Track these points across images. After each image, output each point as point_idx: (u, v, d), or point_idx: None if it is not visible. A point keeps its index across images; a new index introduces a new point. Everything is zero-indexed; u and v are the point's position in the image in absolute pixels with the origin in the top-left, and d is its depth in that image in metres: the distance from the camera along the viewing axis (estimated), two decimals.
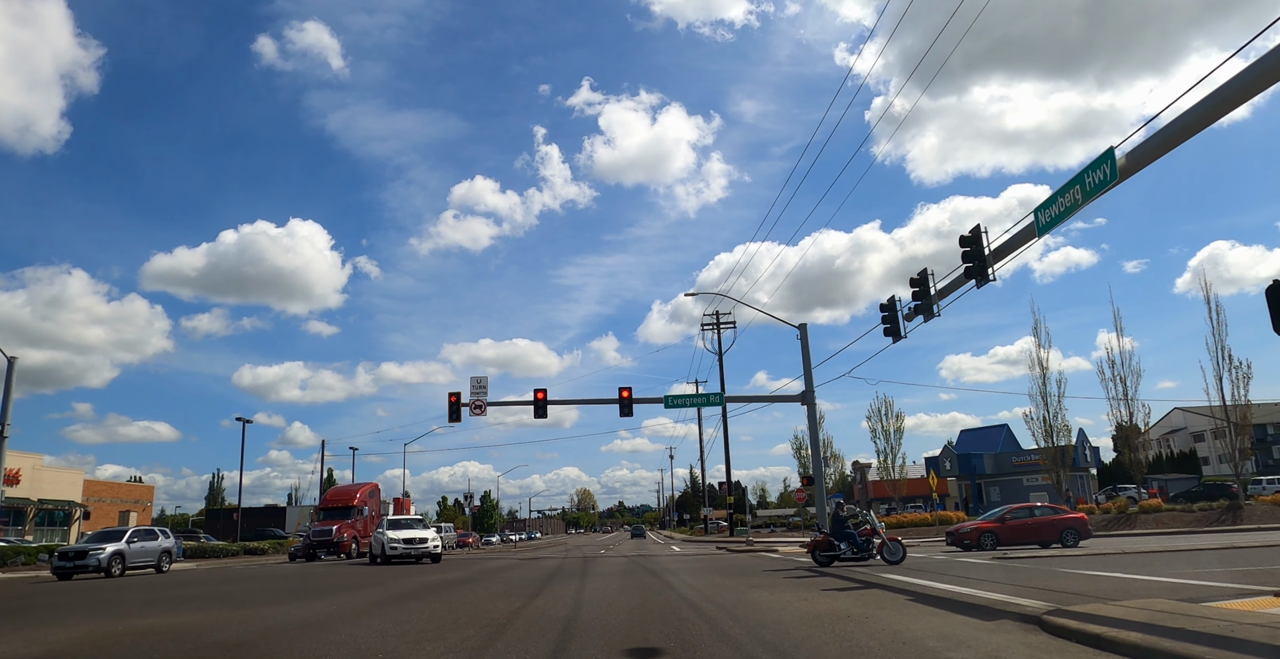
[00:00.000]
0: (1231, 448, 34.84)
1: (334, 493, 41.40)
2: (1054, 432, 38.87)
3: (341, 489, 42.43)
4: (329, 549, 35.18)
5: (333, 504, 39.22)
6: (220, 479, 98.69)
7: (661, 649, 6.44)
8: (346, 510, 38.07)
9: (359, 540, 36.74)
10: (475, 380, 32.61)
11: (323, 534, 35.79)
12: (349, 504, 38.51)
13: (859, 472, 66.73)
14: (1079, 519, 24.37)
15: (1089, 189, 12.41)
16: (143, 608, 12.16)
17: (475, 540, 68.30)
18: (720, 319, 50.73)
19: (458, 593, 12.98)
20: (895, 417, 50.64)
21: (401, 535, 26.34)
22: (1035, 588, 10.46)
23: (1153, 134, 11.39)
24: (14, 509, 45.55)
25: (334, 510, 38.41)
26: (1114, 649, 5.72)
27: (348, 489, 41.79)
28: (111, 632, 8.74)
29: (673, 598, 10.76)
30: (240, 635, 8.13)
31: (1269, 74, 9.13)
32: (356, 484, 44.04)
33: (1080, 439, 50.28)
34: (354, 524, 37.51)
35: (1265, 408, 54.07)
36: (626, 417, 32.63)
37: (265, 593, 14.79)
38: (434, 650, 6.68)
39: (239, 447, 52.12)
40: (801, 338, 32.51)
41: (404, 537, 26.27)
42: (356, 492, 40.06)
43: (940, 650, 5.92)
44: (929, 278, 19.18)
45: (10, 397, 27.15)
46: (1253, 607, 7.40)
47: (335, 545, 35.11)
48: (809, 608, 8.95)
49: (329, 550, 35.15)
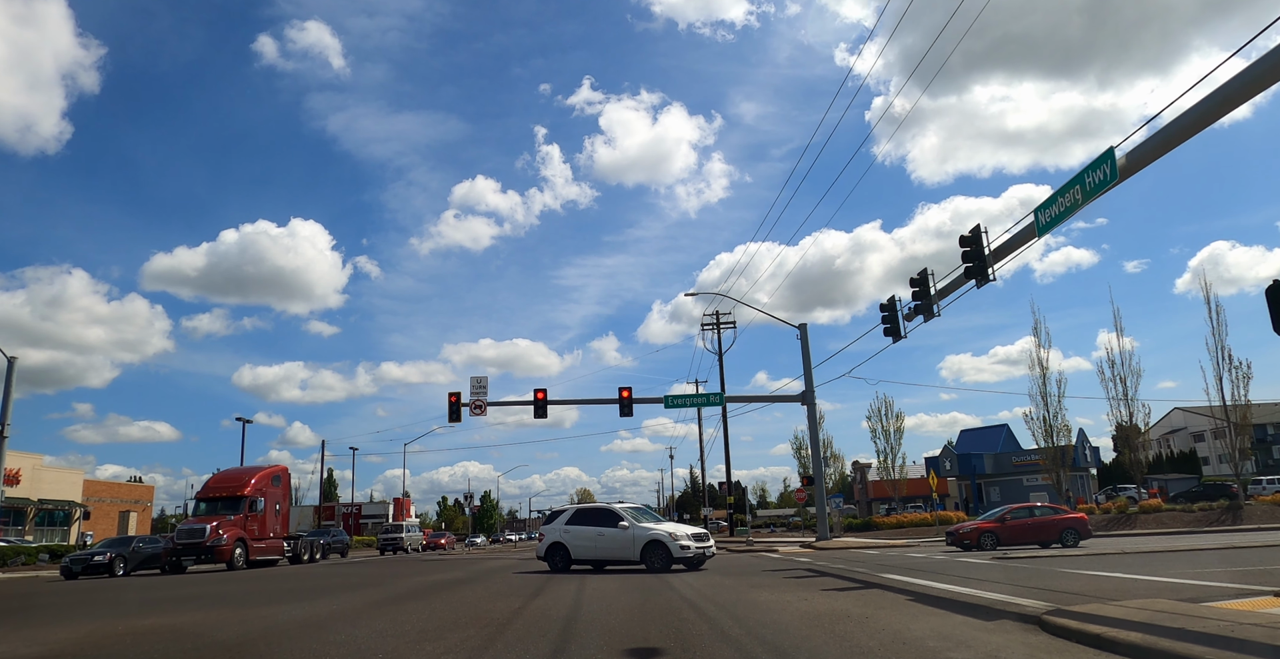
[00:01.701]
0: (1231, 448, 34.85)
1: (219, 478, 30.70)
2: (1054, 432, 38.90)
3: (230, 473, 31.31)
4: (200, 556, 25.94)
5: (214, 493, 28.79)
6: None
7: (661, 649, 6.44)
8: (233, 502, 27.87)
9: (248, 544, 27.30)
10: (475, 380, 32.65)
11: (191, 535, 26.12)
12: (237, 494, 28.16)
13: (859, 472, 66.73)
14: (1079, 519, 24.38)
15: (1089, 189, 12.41)
16: (143, 608, 12.16)
17: (450, 542, 62.05)
18: (720, 319, 50.73)
19: (458, 593, 12.98)
20: (895, 417, 50.73)
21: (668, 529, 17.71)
22: (1035, 588, 10.46)
23: (1153, 134, 11.39)
24: (14, 509, 45.57)
25: (215, 502, 28.26)
26: (1114, 649, 5.72)
27: (237, 473, 30.93)
28: (112, 632, 8.74)
29: (673, 598, 10.76)
30: (240, 635, 8.13)
31: (1269, 73, 9.13)
32: (251, 466, 32.47)
33: (1080, 439, 50.28)
34: (242, 521, 27.58)
35: (1265, 408, 54.08)
36: (626, 417, 32.72)
37: (265, 593, 14.79)
38: (434, 650, 6.68)
39: (239, 447, 52.14)
40: (801, 338, 32.53)
41: (674, 531, 17.53)
42: (250, 477, 29.47)
43: (940, 650, 5.91)
44: (929, 278, 19.18)
45: (10, 397, 27.18)
46: (1253, 607, 7.39)
47: (210, 551, 25.78)
48: (809, 608, 8.95)
49: (201, 557, 25.96)
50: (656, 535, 17.30)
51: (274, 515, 29.86)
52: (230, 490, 28.49)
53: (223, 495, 28.40)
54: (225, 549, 26.05)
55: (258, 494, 28.70)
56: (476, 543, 72.37)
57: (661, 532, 17.41)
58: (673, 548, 17.04)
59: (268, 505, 29.18)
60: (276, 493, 30.46)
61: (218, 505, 27.93)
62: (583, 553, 18.40)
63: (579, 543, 18.38)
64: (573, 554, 18.47)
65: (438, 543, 57.17)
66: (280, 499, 30.79)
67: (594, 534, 18.19)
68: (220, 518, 26.96)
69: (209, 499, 28.59)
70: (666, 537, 17.21)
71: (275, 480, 30.69)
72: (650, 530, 17.52)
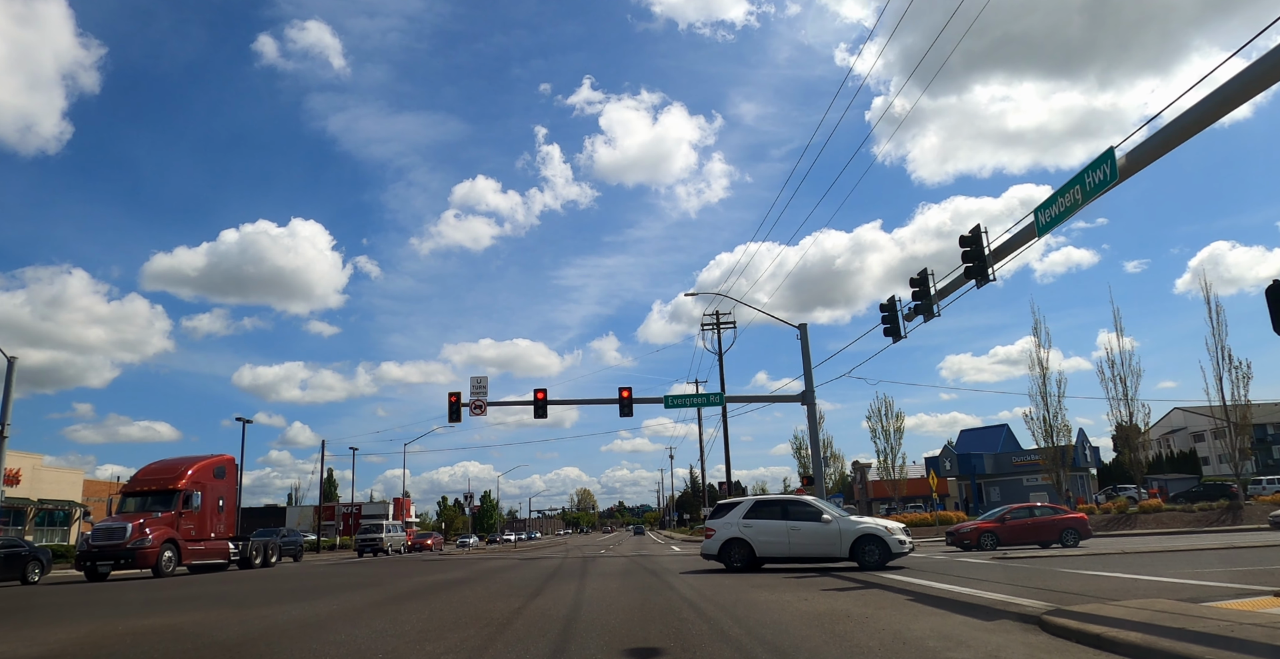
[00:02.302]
0: (1231, 448, 34.86)
1: (149, 470, 25.93)
2: (1054, 432, 38.91)
3: (163, 464, 26.36)
4: (120, 560, 21.93)
5: (142, 487, 24.70)
6: None
7: (661, 649, 6.44)
8: (165, 497, 24.04)
9: (181, 546, 23.39)
10: (475, 380, 32.60)
11: (108, 536, 22.23)
12: (168, 487, 24.22)
13: (859, 472, 66.72)
14: (1079, 519, 24.39)
15: (1089, 189, 12.41)
16: (143, 608, 12.16)
17: (437, 543, 56.71)
18: (720, 319, 50.72)
19: (458, 593, 12.98)
20: (895, 417, 50.71)
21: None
22: (1035, 588, 10.46)
23: (1153, 134, 11.38)
24: (14, 509, 45.54)
25: (144, 497, 24.31)
26: (1114, 649, 5.72)
27: (172, 464, 26.11)
28: (112, 632, 8.74)
29: (673, 598, 10.76)
30: (240, 635, 8.13)
31: (1270, 73, 9.13)
32: (190, 456, 27.30)
33: (1080, 439, 50.30)
34: (172, 519, 23.58)
35: (1265, 408, 54.06)
36: (626, 417, 32.66)
37: (265, 593, 14.79)
38: (434, 650, 6.68)
39: (239, 447, 51.83)
40: (801, 338, 32.51)
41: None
42: (187, 467, 25.18)
43: (940, 650, 5.91)
44: (929, 278, 19.17)
45: (10, 397, 27.13)
46: (1253, 607, 7.39)
47: (131, 554, 21.85)
48: (809, 608, 8.95)
49: (120, 562, 21.97)
50: (871, 530, 15.82)
51: (216, 513, 25.90)
52: (161, 483, 24.46)
53: (152, 489, 24.41)
54: (149, 552, 22.14)
55: (195, 488, 24.70)
56: (469, 543, 67.20)
57: (876, 525, 16.04)
58: (891, 543, 15.51)
59: (207, 501, 25.29)
60: (220, 487, 26.30)
61: (147, 501, 24.14)
62: (770, 550, 16.40)
63: (765, 538, 16.37)
64: (757, 551, 16.41)
65: (424, 543, 53.54)
66: (225, 494, 26.66)
67: (785, 528, 16.28)
68: (146, 516, 23.14)
69: (137, 494, 24.59)
70: (883, 531, 15.75)
71: (218, 472, 26.50)
72: (861, 524, 16.04)
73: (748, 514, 16.77)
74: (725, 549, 16.65)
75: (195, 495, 24.64)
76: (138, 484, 25.04)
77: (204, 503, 25.04)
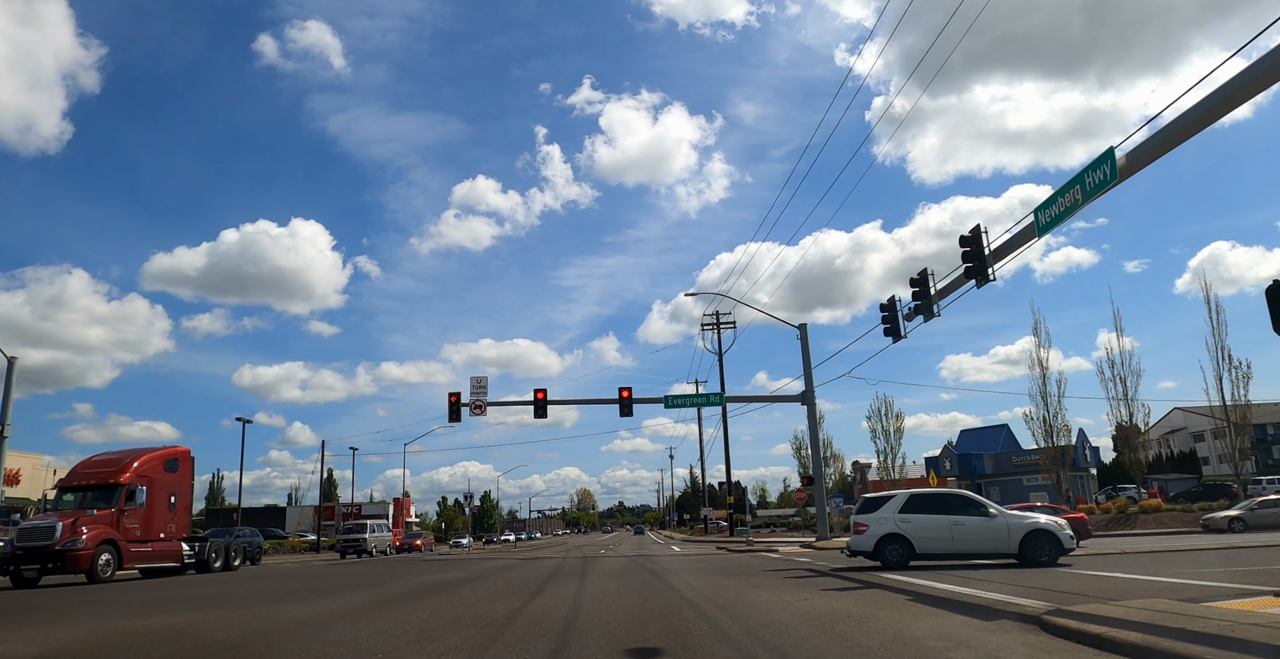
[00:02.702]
0: (1231, 448, 34.88)
1: (90, 462, 23.21)
2: (1054, 432, 38.92)
3: (107, 456, 23.60)
4: (48, 563, 19.35)
5: (81, 481, 22.00)
6: (220, 479, 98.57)
7: (661, 649, 6.44)
8: (106, 492, 21.39)
9: (122, 547, 20.64)
10: (475, 380, 32.64)
11: (35, 536, 19.67)
12: (109, 481, 21.54)
13: (859, 472, 66.80)
14: (1079, 519, 24.39)
15: (1089, 189, 12.41)
16: (143, 608, 12.15)
17: (426, 543, 54.03)
18: (720, 319, 50.74)
19: (458, 593, 12.98)
20: (895, 417, 50.81)
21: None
22: (1035, 588, 10.46)
23: (1153, 134, 11.40)
24: (14, 509, 45.58)
25: (84, 492, 21.66)
26: (1114, 649, 5.72)
27: (116, 456, 23.28)
28: (112, 632, 8.74)
29: (673, 598, 10.76)
30: (240, 635, 8.13)
31: (1270, 73, 9.14)
32: (136, 448, 24.32)
33: (1080, 439, 50.31)
34: (113, 517, 20.89)
35: (1265, 408, 54.04)
36: (626, 417, 32.72)
37: (265, 593, 14.78)
38: (434, 650, 6.67)
39: (239, 447, 51.60)
40: (801, 338, 32.53)
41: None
42: (132, 460, 22.49)
43: (940, 650, 5.91)
44: (929, 278, 19.19)
45: (10, 397, 27.13)
46: (1253, 607, 7.39)
47: (60, 557, 19.27)
48: (809, 608, 8.95)
49: (49, 565, 19.37)
50: (1042, 525, 15.16)
51: (166, 510, 23.09)
52: (102, 477, 21.71)
53: (91, 484, 21.67)
54: (82, 554, 19.33)
55: (141, 482, 21.93)
56: (463, 544, 64.36)
57: (1046, 520, 15.41)
58: (1063, 539, 14.95)
59: (155, 497, 22.46)
60: (172, 481, 23.60)
61: (87, 497, 21.48)
62: (931, 545, 15.59)
63: (926, 534, 15.57)
64: (917, 548, 15.58)
65: (412, 544, 51.14)
66: (178, 489, 23.91)
67: (947, 523, 15.50)
68: (80, 513, 20.44)
69: (75, 489, 21.80)
70: (1054, 526, 15.12)
71: (170, 465, 23.77)
72: (1029, 519, 15.41)
73: (903, 508, 15.91)
74: (881, 545, 15.77)
75: (140, 491, 21.81)
76: (76, 478, 22.26)
77: (152, 499, 22.30)
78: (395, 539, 48.90)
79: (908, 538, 15.64)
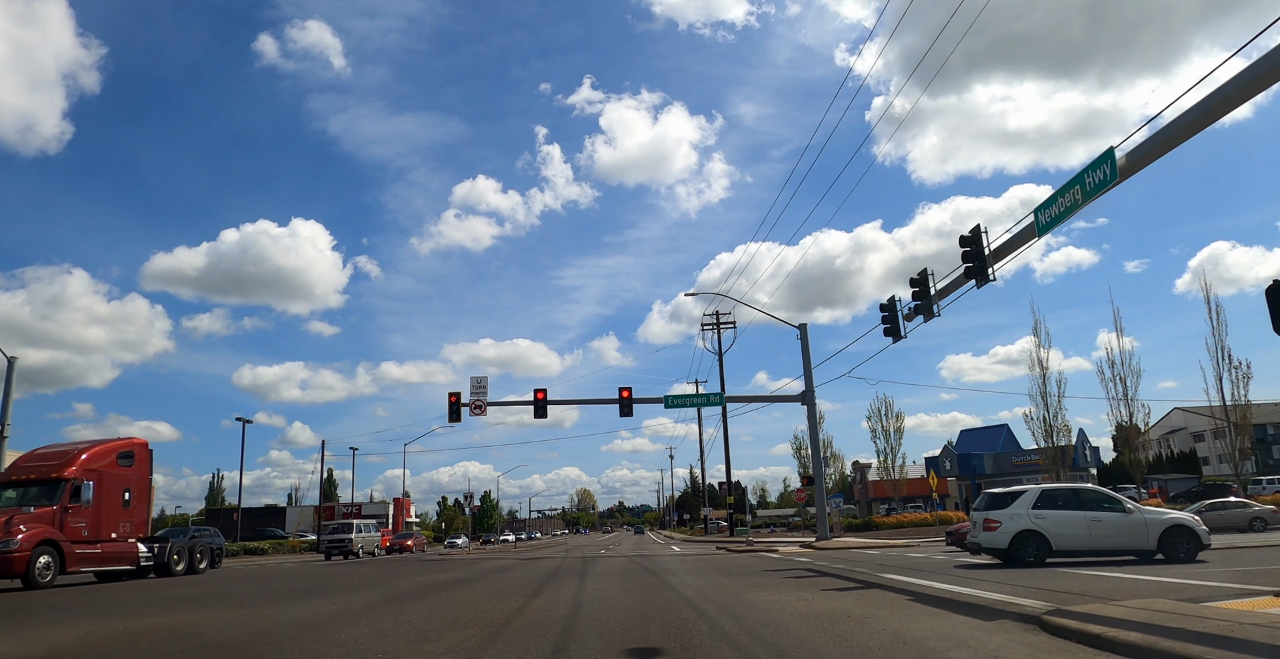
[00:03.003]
0: (1231, 448, 34.90)
1: (32, 456, 21.40)
2: (1054, 432, 38.93)
3: (51, 449, 21.60)
4: None
5: (22, 475, 20.04)
6: (220, 479, 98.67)
7: (661, 649, 6.43)
8: (48, 488, 19.39)
9: (64, 549, 18.66)
10: (475, 380, 32.63)
11: None
12: (53, 476, 19.56)
13: (859, 472, 66.76)
14: None
15: (1089, 189, 12.41)
16: (143, 608, 12.15)
17: (418, 543, 52.14)
18: (720, 319, 50.75)
19: (457, 593, 12.98)
20: (895, 417, 50.81)
21: None
22: (1035, 588, 10.46)
23: (1153, 134, 11.40)
24: None
25: (26, 488, 19.56)
26: (1114, 649, 5.72)
27: (62, 449, 21.26)
28: (112, 632, 8.74)
29: (673, 598, 10.75)
30: (240, 635, 8.13)
31: (1270, 73, 9.13)
32: (85, 441, 22.55)
33: (1080, 439, 50.33)
34: (54, 516, 18.91)
35: (1265, 408, 54.07)
36: (626, 417, 32.71)
37: (265, 593, 14.79)
38: (434, 650, 6.67)
39: (239, 447, 51.47)
40: (801, 338, 32.53)
41: None
42: (79, 453, 20.42)
43: (940, 650, 5.91)
44: (929, 278, 19.19)
45: (10, 397, 27.14)
46: (1253, 607, 7.39)
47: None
48: (809, 608, 8.94)
49: None
50: (1181, 520, 15.01)
51: (119, 508, 20.95)
52: (44, 471, 19.75)
53: (33, 478, 19.67)
54: (16, 557, 17.35)
55: (88, 476, 19.85)
56: (457, 544, 61.67)
57: (1183, 516, 15.36)
58: (1200, 534, 14.72)
59: (106, 493, 20.29)
60: (126, 476, 21.39)
61: (29, 493, 19.36)
62: (1068, 543, 15.17)
63: (1063, 530, 15.11)
64: (1054, 544, 15.10)
65: (403, 545, 49.21)
66: (134, 485, 21.65)
67: (1084, 519, 15.12)
68: (16, 511, 18.42)
69: (15, 484, 19.72)
70: (1192, 521, 15.02)
71: (124, 459, 21.57)
72: (1167, 514, 15.32)
73: (1036, 504, 15.41)
74: (1017, 542, 15.22)
75: (87, 486, 19.58)
76: (16, 472, 20.37)
77: (102, 495, 20.12)
78: (384, 540, 47.24)
79: (1044, 534, 15.14)
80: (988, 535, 15.64)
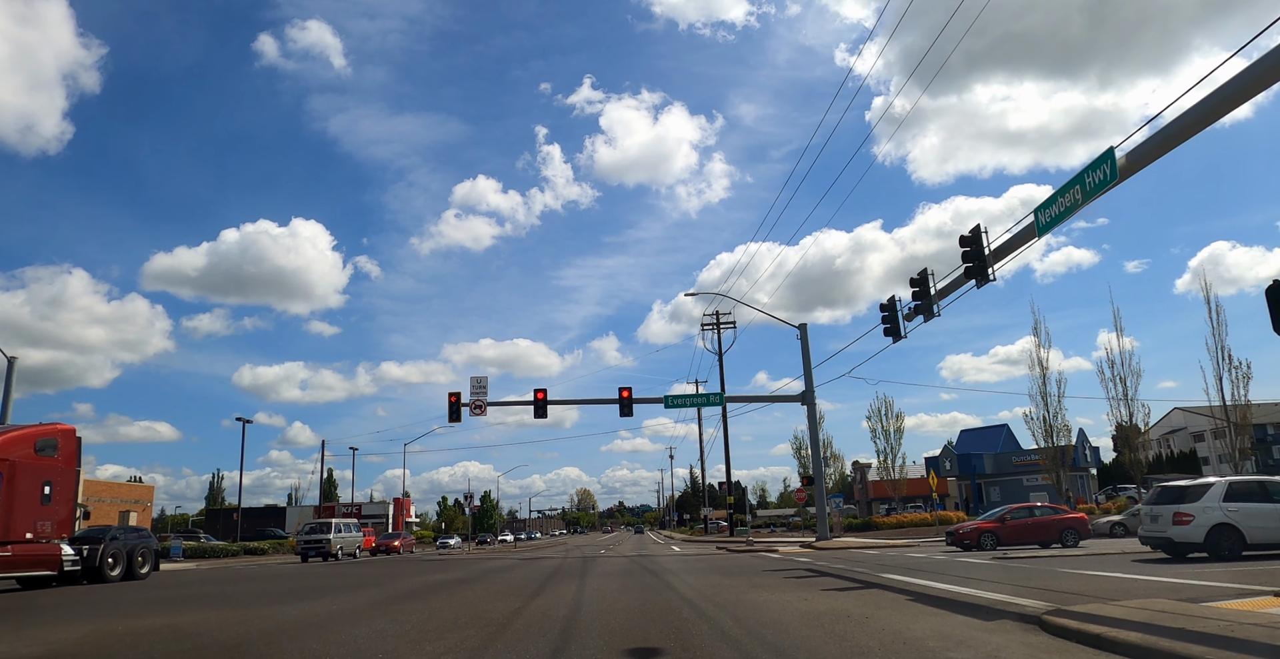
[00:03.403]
0: (1231, 448, 34.84)
1: None
2: (1054, 432, 38.91)
3: None
4: None
5: None
6: (220, 479, 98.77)
7: (661, 649, 6.44)
8: None
9: None
10: (475, 380, 32.63)
11: None
12: None
13: (859, 472, 66.72)
14: (1079, 519, 24.38)
15: (1089, 189, 12.42)
16: (143, 608, 12.16)
17: (406, 544, 49.55)
18: (720, 319, 50.75)
19: (458, 593, 12.99)
20: (895, 417, 50.79)
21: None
22: (1035, 588, 10.46)
23: (1153, 134, 11.40)
24: None
25: None
26: (1114, 649, 5.72)
27: None
28: (112, 631, 8.74)
29: (673, 598, 10.76)
30: (240, 635, 8.13)
31: (1270, 73, 9.14)
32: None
33: (1080, 439, 50.33)
34: None
35: (1265, 408, 54.03)
36: (626, 417, 32.71)
37: (265, 593, 14.79)
38: (434, 650, 6.67)
39: (239, 447, 51.41)
40: (801, 338, 32.53)
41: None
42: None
43: (940, 650, 5.91)
44: (929, 278, 19.18)
45: (10, 397, 27.14)
46: (1253, 607, 7.39)
47: None
48: (809, 608, 8.95)
49: None
50: None
51: (36, 504, 17.66)
52: None
53: None
54: None
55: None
56: (450, 544, 58.65)
57: None
58: None
59: (19, 487, 17.12)
60: (45, 468, 18.00)
61: None
62: (1262, 536, 14.91)
63: (1256, 523, 14.83)
64: (1248, 538, 14.79)
65: (389, 545, 46.36)
66: (56, 478, 18.28)
67: (1275, 512, 14.90)
68: None
69: None
70: None
71: (43, 448, 18.08)
72: None
73: (1228, 497, 15.11)
74: (1212, 536, 14.88)
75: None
76: None
77: (14, 489, 16.97)
78: (368, 540, 43.88)
79: (1238, 528, 14.87)
80: (1179, 530, 15.19)
